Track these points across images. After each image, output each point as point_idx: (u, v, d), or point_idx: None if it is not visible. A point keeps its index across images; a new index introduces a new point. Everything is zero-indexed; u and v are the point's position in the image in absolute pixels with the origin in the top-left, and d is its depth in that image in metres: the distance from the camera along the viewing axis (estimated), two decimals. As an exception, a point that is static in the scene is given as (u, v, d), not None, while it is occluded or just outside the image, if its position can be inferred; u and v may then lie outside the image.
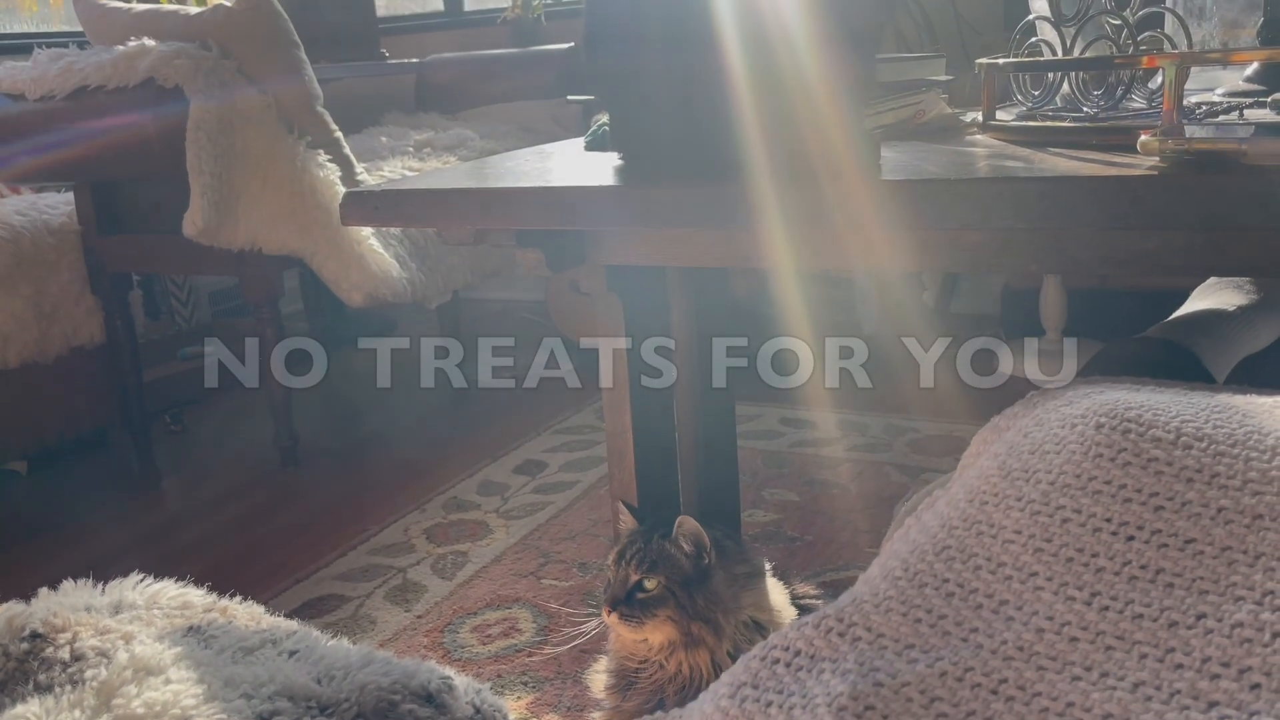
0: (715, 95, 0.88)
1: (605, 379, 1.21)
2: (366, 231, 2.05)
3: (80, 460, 2.40)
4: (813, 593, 1.28)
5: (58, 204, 2.28)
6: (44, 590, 0.96)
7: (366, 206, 1.06)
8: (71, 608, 0.88)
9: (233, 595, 1.01)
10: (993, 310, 2.82)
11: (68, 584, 0.98)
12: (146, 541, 1.97)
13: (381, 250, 2.08)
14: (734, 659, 0.96)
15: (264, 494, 2.16)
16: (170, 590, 0.97)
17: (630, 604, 1.08)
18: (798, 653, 0.50)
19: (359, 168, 2.20)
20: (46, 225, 2.20)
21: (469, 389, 2.70)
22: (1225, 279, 1.14)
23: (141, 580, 0.98)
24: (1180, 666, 0.42)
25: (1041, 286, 2.51)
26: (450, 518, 1.93)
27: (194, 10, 2.10)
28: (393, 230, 2.13)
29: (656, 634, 1.10)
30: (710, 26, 0.85)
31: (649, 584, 1.09)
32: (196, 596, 0.97)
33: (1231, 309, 1.06)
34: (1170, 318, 1.10)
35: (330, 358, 2.98)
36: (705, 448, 1.39)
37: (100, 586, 0.97)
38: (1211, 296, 1.13)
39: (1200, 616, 0.44)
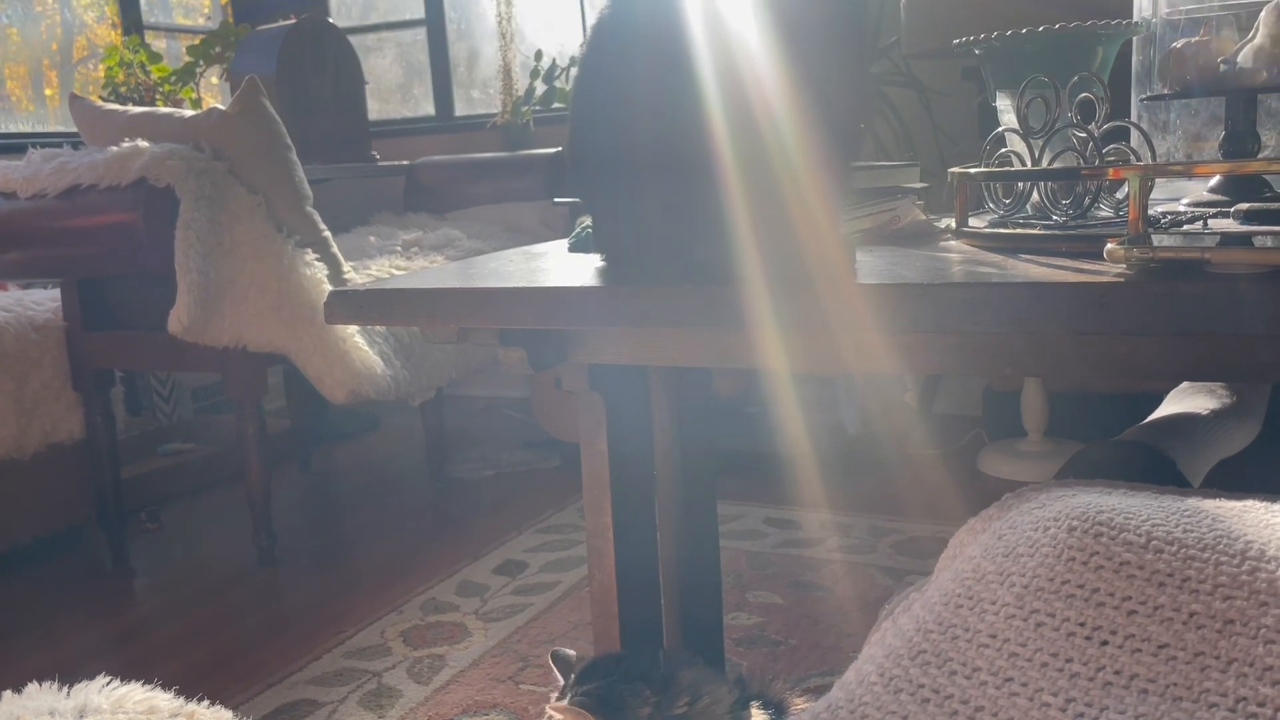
0: (694, 199, 0.90)
1: (586, 477, 1.21)
2: (351, 329, 2.06)
3: (52, 558, 2.35)
4: (801, 705, 1.25)
5: (44, 300, 2.29)
6: (8, 693, 0.93)
7: (351, 305, 1.07)
8: (35, 711, 0.85)
9: (202, 699, 0.98)
10: (975, 411, 2.83)
11: (32, 687, 0.95)
12: (117, 642, 1.93)
13: (366, 348, 2.09)
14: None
15: (239, 594, 2.12)
16: (137, 694, 0.95)
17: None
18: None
19: (346, 266, 2.22)
20: (31, 321, 2.21)
21: (451, 485, 2.69)
22: (1198, 384, 1.16)
23: (108, 683, 0.96)
24: (1159, 776, 0.42)
25: (1022, 388, 2.54)
26: (428, 619, 1.89)
27: (189, 114, 2.15)
28: (378, 327, 2.14)
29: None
30: (690, 134, 0.87)
31: None
32: (164, 701, 0.95)
33: (1205, 413, 1.08)
34: (1146, 421, 1.11)
35: (312, 454, 2.97)
36: (687, 549, 1.38)
37: (66, 689, 0.95)
38: (1185, 400, 1.14)
39: (1177, 724, 0.43)
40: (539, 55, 3.51)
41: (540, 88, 3.47)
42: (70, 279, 2.22)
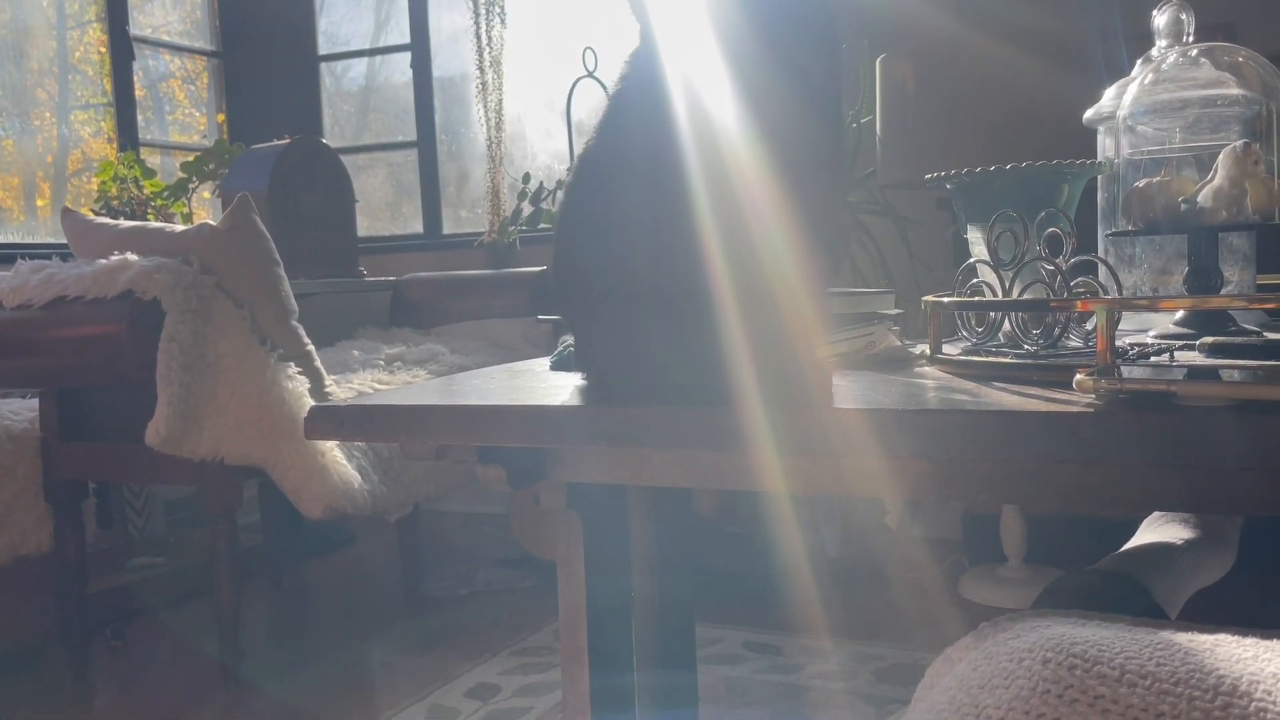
0: (674, 323, 0.92)
1: (562, 598, 1.19)
2: (330, 443, 2.05)
3: (10, 675, 2.28)
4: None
5: (21, 410, 2.28)
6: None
7: (332, 420, 1.07)
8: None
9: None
10: (955, 535, 2.82)
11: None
12: (71, 766, 1.86)
13: (344, 462, 2.08)
14: None
15: (202, 715, 2.05)
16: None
17: None
18: None
19: (328, 380, 2.23)
20: (7, 431, 2.19)
21: (425, 604, 2.64)
22: (1170, 513, 1.17)
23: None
24: None
25: (1001, 513, 2.54)
26: (397, 745, 1.84)
27: (180, 228, 2.18)
28: (357, 442, 2.13)
29: None
30: (671, 261, 0.89)
31: None
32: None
33: (1180, 543, 1.08)
34: (1122, 550, 1.11)
35: (284, 570, 2.92)
36: (664, 674, 1.36)
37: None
38: (1159, 530, 1.15)
39: None
40: (527, 178, 3.60)
41: (527, 209, 3.55)
42: (50, 389, 2.22)
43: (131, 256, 2.05)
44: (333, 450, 2.07)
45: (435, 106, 4.00)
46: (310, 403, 2.05)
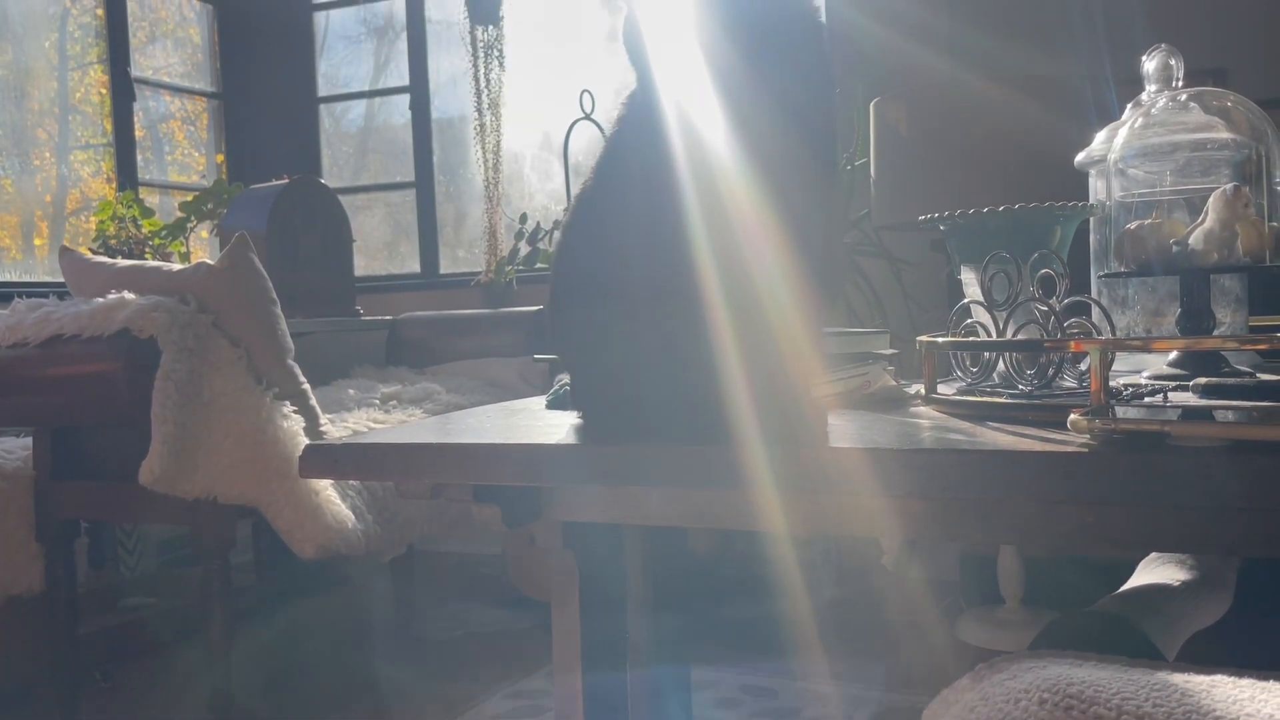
0: (670, 362, 0.92)
1: (557, 640, 1.18)
2: (325, 482, 2.04)
3: (-2, 718, 2.26)
4: None
5: (14, 449, 2.27)
6: None
7: (326, 459, 1.07)
8: None
9: None
10: (952, 576, 2.81)
11: None
12: (57, 811, 1.83)
13: (339, 501, 2.07)
14: None
15: (191, 759, 2.02)
16: None
17: None
18: None
19: (324, 419, 2.22)
20: (0, 470, 2.18)
21: (419, 646, 2.61)
22: (1167, 554, 1.16)
23: None
24: None
25: (998, 554, 2.52)
26: (388, 789, 1.81)
27: (177, 267, 2.19)
28: (352, 481, 2.12)
29: None
30: (666, 302, 0.90)
31: None
32: None
33: (1176, 584, 1.08)
34: (1118, 591, 1.11)
35: (278, 610, 2.89)
36: (660, 717, 1.34)
37: None
38: (1156, 571, 1.15)
39: None
40: (524, 218, 3.62)
41: (524, 249, 3.57)
42: (44, 428, 2.21)
43: (128, 295, 2.05)
44: (327, 490, 2.06)
45: (434, 147, 4.04)
46: (305, 441, 2.04)
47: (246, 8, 4.16)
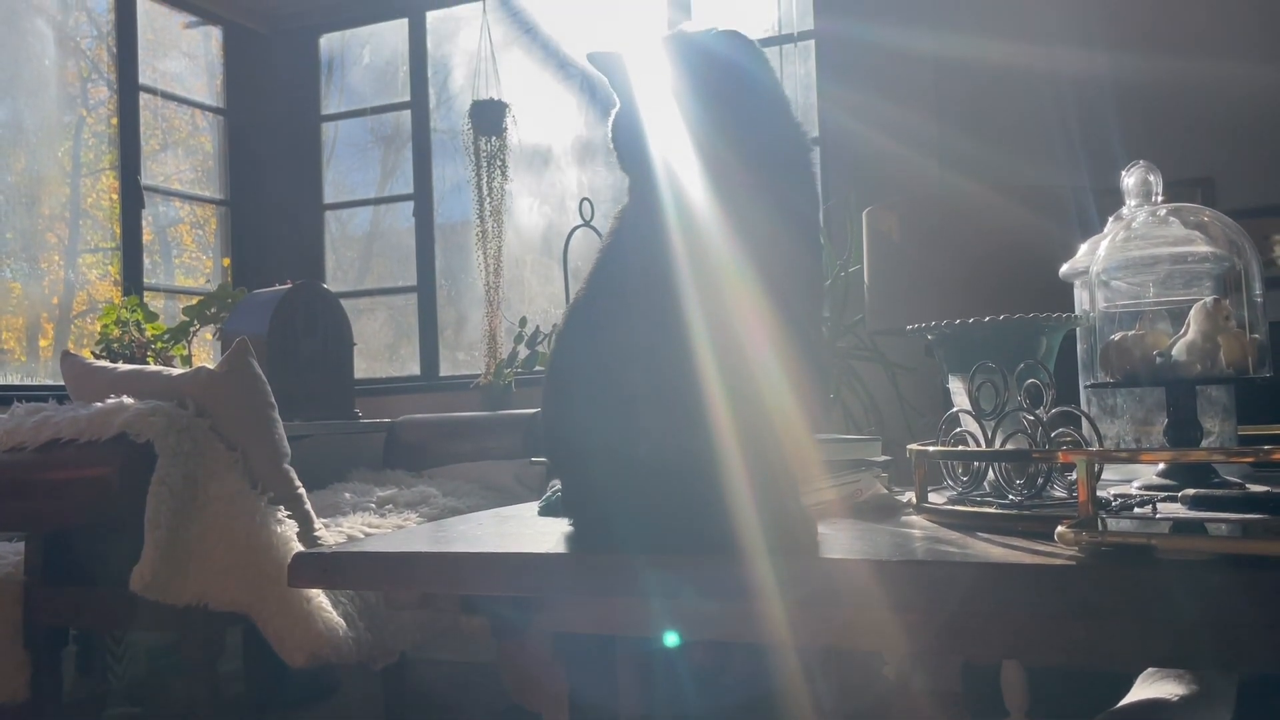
0: (660, 473, 0.92)
1: (547, 756, 1.15)
2: (316, 589, 2.02)
3: (-27, 834, 2.18)
4: None
5: (6, 554, 2.25)
6: None
7: (315, 569, 1.06)
8: None
9: None
10: (955, 687, 2.75)
11: None
12: None
13: (330, 608, 2.05)
14: None
15: None
16: None
17: None
18: None
19: (318, 524, 2.21)
20: (-10, 575, 2.16)
21: (409, 760, 2.54)
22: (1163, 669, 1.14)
23: None
24: None
25: (1001, 665, 2.47)
26: None
27: (176, 372, 2.20)
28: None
29: None
30: (655, 414, 0.91)
31: None
32: None
33: (1174, 699, 1.06)
34: (1116, 707, 1.09)
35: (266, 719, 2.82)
36: (652, 836, 1.30)
37: None
38: (1154, 685, 1.12)
39: None
40: (523, 322, 3.65)
41: (523, 351, 3.59)
42: (37, 533, 2.19)
43: (127, 399, 2.06)
44: (318, 596, 2.03)
45: (436, 252, 4.10)
46: (297, 547, 2.03)
47: (258, 118, 4.27)
